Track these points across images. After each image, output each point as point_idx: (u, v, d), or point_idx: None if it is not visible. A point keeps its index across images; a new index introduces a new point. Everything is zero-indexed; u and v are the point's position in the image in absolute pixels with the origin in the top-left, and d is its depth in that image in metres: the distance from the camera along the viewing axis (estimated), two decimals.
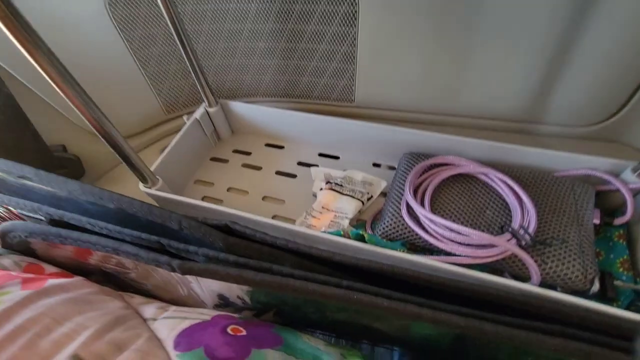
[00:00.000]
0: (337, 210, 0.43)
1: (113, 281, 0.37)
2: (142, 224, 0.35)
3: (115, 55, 0.47)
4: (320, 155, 0.51)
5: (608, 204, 0.39)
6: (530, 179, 0.39)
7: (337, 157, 0.51)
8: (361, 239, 0.35)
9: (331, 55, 0.49)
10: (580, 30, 0.40)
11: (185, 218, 0.32)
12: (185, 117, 0.49)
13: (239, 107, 0.51)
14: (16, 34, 0.26)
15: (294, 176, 0.49)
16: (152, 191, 0.40)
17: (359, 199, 0.43)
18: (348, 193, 0.44)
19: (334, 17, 0.45)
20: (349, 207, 0.42)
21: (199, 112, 0.49)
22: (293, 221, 0.44)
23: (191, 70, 0.44)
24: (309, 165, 0.50)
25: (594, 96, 0.46)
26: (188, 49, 0.42)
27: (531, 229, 0.33)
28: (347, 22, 0.45)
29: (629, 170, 0.36)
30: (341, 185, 0.45)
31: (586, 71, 0.43)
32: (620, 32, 0.39)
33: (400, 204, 0.38)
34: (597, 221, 0.36)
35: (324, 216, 0.42)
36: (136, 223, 0.34)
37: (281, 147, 0.53)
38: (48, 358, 0.21)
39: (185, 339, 0.24)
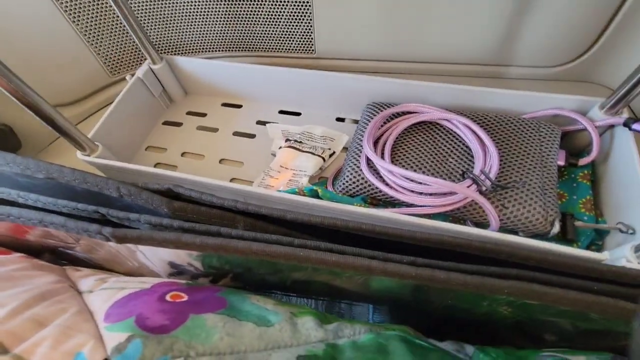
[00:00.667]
0: (295, 168, 0.40)
1: (66, 258, 0.35)
2: (81, 195, 0.32)
3: (46, 15, 0.42)
4: (281, 112, 0.48)
5: (576, 145, 0.38)
6: (495, 123, 0.37)
7: (298, 114, 0.48)
8: (315, 195, 0.33)
9: (283, 6, 0.45)
10: None
11: (123, 184, 0.29)
12: (127, 77, 0.45)
13: (188, 63, 0.47)
14: None
15: (252, 136, 0.46)
16: (91, 159, 0.36)
17: (319, 155, 0.41)
18: (308, 150, 0.41)
19: None
20: (307, 164, 0.40)
21: (141, 70, 0.44)
22: (251, 183, 0.41)
23: (124, 22, 0.39)
24: (268, 123, 0.47)
25: (563, 35, 0.43)
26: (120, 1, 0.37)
27: (492, 174, 0.31)
28: None
29: (597, 108, 0.35)
30: (300, 142, 0.42)
31: (554, 10, 0.41)
32: None
33: (359, 157, 0.36)
34: (561, 162, 0.35)
35: (282, 175, 0.40)
36: (74, 195, 0.32)
37: (239, 107, 0.49)
38: None
39: (117, 310, 0.22)
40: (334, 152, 0.43)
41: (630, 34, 0.41)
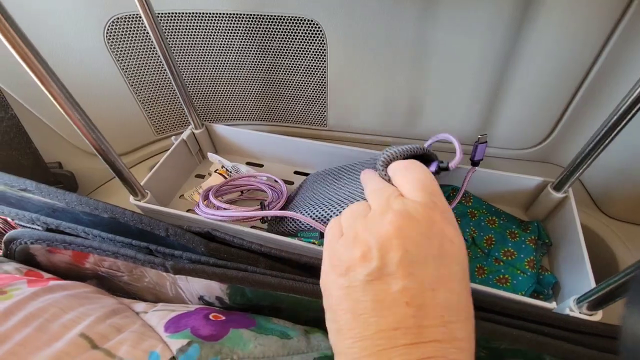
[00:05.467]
0: None
1: (106, 284, 0.41)
2: (132, 232, 0.40)
3: (112, 82, 0.53)
4: (295, 172, 0.57)
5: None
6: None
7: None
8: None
9: (305, 85, 0.56)
10: (509, 70, 0.48)
11: (171, 226, 0.37)
12: (173, 138, 0.55)
13: (222, 129, 0.57)
14: (31, 65, 0.30)
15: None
16: (141, 203, 0.45)
17: None
18: None
19: (306, 53, 0.52)
20: None
21: (186, 134, 0.54)
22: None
23: (180, 96, 0.50)
24: (285, 182, 0.56)
25: (529, 123, 0.54)
26: (177, 77, 0.48)
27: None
28: (318, 57, 0.52)
29: (548, 188, 0.44)
30: (230, 172, 0.54)
31: (518, 102, 0.52)
32: (541, 73, 0.48)
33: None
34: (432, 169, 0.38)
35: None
36: (126, 231, 0.39)
37: (260, 165, 0.59)
38: (58, 337, 0.25)
39: (173, 324, 0.29)
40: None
41: (578, 126, 0.51)
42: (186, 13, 0.50)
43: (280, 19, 0.49)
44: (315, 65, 0.54)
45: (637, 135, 0.44)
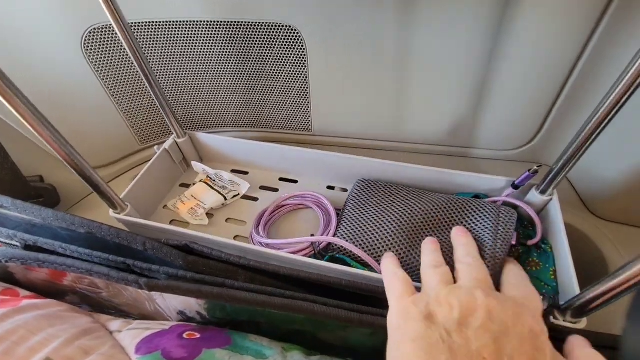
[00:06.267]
0: (200, 200, 0.52)
1: (86, 301, 0.41)
2: (110, 247, 0.39)
3: (92, 93, 0.52)
4: (281, 179, 0.57)
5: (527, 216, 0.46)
6: (461, 205, 0.44)
7: (295, 181, 0.56)
8: (332, 260, 0.40)
9: (288, 91, 0.56)
10: (492, 71, 0.48)
11: (148, 240, 0.36)
12: (155, 148, 0.54)
13: (205, 137, 0.56)
14: None
15: (255, 199, 0.54)
16: (121, 217, 0.44)
17: (222, 195, 0.53)
18: (217, 188, 0.53)
19: (287, 59, 0.52)
20: (209, 199, 0.52)
21: (167, 143, 0.54)
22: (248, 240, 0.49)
23: (159, 106, 0.49)
24: (270, 189, 0.55)
25: (515, 124, 0.54)
26: (155, 87, 0.47)
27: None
28: (298, 63, 0.52)
29: (534, 190, 0.43)
30: (214, 181, 0.54)
31: (503, 103, 0.51)
32: (524, 73, 0.47)
33: (347, 225, 0.44)
34: (513, 242, 0.39)
35: (188, 203, 0.52)
36: (104, 246, 0.39)
37: (246, 173, 0.58)
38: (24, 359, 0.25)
39: (145, 345, 0.28)
40: (237, 194, 0.54)
41: (565, 126, 0.51)
42: (163, 22, 0.49)
43: (259, 25, 0.49)
44: (296, 71, 0.53)
45: (622, 135, 0.43)
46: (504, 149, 0.57)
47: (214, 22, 0.49)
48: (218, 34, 0.51)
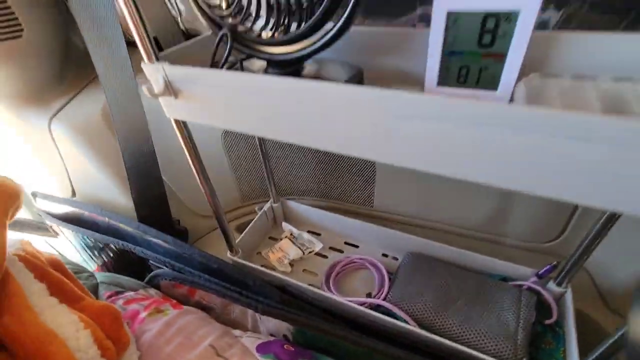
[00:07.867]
0: (285, 252, 0.68)
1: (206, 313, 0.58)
2: (226, 278, 0.56)
3: (222, 168, 0.74)
4: (345, 243, 0.73)
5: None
6: (491, 285, 0.57)
7: (357, 246, 0.72)
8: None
9: (358, 177, 0.74)
10: None
11: (257, 278, 0.53)
12: (257, 208, 0.73)
13: (292, 204, 0.75)
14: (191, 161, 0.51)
15: (325, 257, 0.70)
16: (236, 258, 0.62)
17: (302, 250, 0.69)
18: (298, 245, 0.70)
19: (358, 161, 0.70)
20: (291, 252, 0.69)
21: (267, 206, 0.73)
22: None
23: (267, 177, 0.69)
24: (337, 250, 0.71)
25: (542, 223, 0.65)
26: (267, 164, 0.68)
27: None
28: (367, 165, 0.70)
29: (551, 281, 0.54)
30: (296, 238, 0.70)
31: (532, 208, 0.64)
32: None
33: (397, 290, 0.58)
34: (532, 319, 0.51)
35: (277, 253, 0.70)
36: (222, 277, 0.56)
37: (319, 234, 0.75)
38: (198, 344, 0.41)
39: (262, 348, 0.43)
40: (312, 250, 0.69)
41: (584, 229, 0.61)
42: None
43: None
44: (365, 164, 0.71)
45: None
46: (535, 242, 0.68)
47: None
48: None
